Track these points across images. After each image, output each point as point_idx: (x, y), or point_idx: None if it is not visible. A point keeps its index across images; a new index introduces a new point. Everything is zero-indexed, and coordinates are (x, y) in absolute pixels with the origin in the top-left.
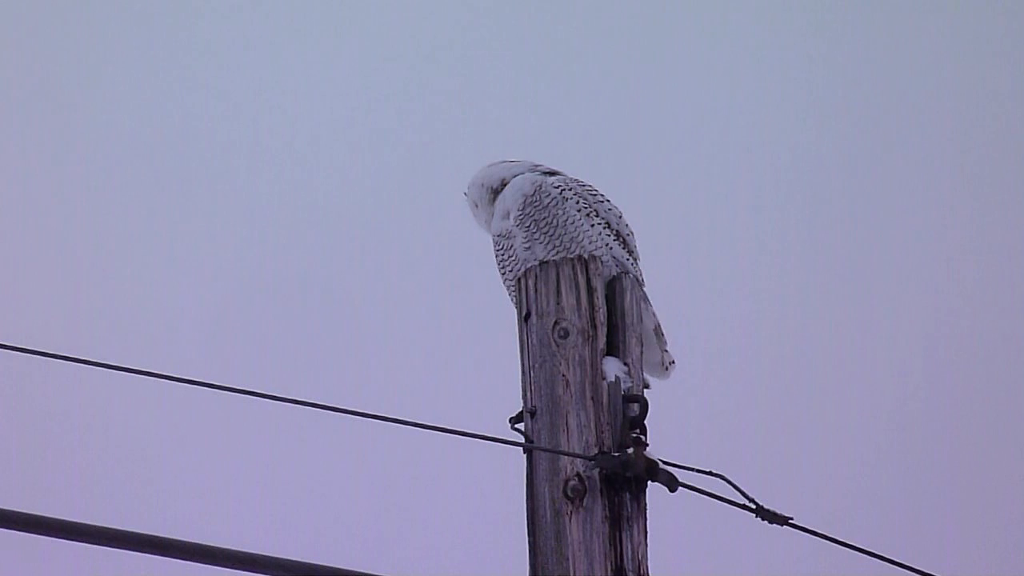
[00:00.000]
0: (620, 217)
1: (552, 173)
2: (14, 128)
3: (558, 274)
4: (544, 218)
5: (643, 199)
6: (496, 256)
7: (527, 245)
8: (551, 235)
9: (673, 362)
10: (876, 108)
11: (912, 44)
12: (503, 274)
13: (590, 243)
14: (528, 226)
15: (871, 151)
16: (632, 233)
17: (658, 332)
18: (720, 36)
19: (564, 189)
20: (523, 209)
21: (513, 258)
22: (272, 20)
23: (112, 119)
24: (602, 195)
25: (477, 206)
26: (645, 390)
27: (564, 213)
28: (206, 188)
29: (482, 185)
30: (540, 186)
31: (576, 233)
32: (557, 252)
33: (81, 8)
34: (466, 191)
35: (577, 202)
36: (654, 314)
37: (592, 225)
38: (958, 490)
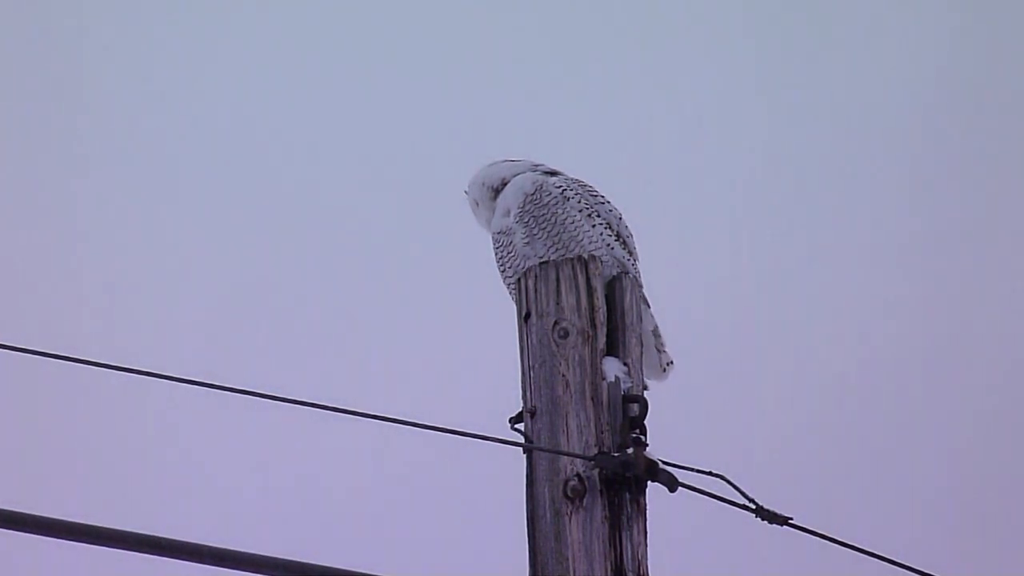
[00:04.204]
0: (620, 219)
1: (553, 173)
2: (14, 127)
3: (558, 274)
4: (544, 215)
5: (643, 198)
6: (496, 254)
7: (527, 241)
8: (551, 233)
9: (671, 363)
10: (873, 107)
11: (900, 45)
12: (503, 271)
13: (590, 243)
14: (528, 222)
15: (871, 151)
16: (632, 235)
17: (656, 333)
18: (719, 35)
19: (565, 189)
20: (523, 206)
21: (513, 254)
22: (272, 20)
23: (112, 118)
24: (603, 196)
25: (478, 204)
26: (644, 391)
27: (564, 212)
28: (206, 188)
29: (483, 184)
30: (541, 185)
31: (576, 232)
32: (557, 251)
33: (81, 7)
34: (467, 189)
35: (579, 202)
36: (652, 316)
37: (593, 225)
38: (958, 490)
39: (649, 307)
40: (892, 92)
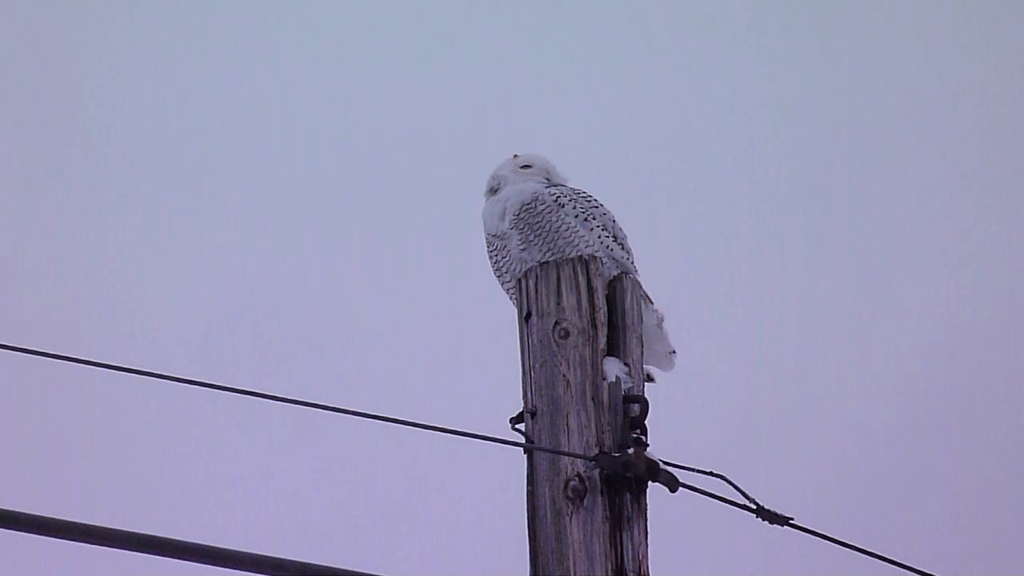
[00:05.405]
0: (614, 221)
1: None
2: (15, 128)
3: (558, 274)
4: (538, 223)
5: (645, 199)
6: (489, 256)
7: (523, 247)
8: (546, 240)
9: (674, 351)
10: (872, 106)
11: (906, 42)
12: (499, 275)
13: (587, 247)
14: (523, 228)
15: (870, 149)
16: (626, 236)
17: (660, 326)
18: (719, 35)
19: (559, 196)
20: (519, 214)
21: (508, 259)
22: (272, 20)
23: (112, 119)
24: (596, 200)
25: (513, 173)
26: (651, 383)
27: (559, 220)
28: (206, 188)
29: (537, 165)
30: (537, 195)
31: (572, 238)
32: (553, 255)
33: (81, 9)
34: (518, 154)
35: (573, 207)
36: (655, 310)
37: (591, 229)
38: (958, 490)
39: (652, 303)
40: (895, 92)
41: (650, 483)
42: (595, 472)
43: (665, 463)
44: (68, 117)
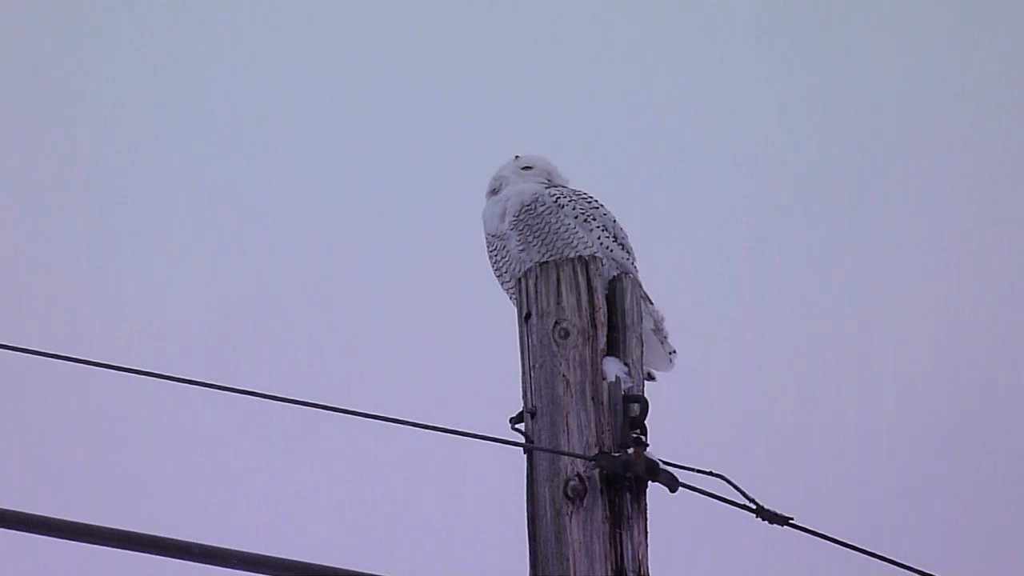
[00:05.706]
0: (615, 222)
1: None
2: (15, 128)
3: (558, 274)
4: (538, 224)
5: (645, 200)
6: (489, 256)
7: (522, 248)
8: (545, 241)
9: (674, 351)
10: (873, 106)
11: (907, 42)
12: (499, 275)
13: (586, 248)
14: (522, 230)
15: (870, 148)
16: (627, 236)
17: (658, 328)
18: (719, 35)
19: (559, 197)
20: (518, 215)
21: (508, 259)
22: (273, 19)
23: (111, 119)
24: (597, 201)
25: (512, 174)
26: (651, 382)
27: (558, 221)
28: (206, 187)
29: (535, 167)
30: (537, 196)
31: (570, 239)
32: (552, 256)
33: (81, 9)
34: (519, 155)
35: (573, 208)
36: (655, 311)
37: (591, 230)
38: (958, 490)
39: (652, 303)
40: (895, 93)
41: (650, 483)
42: (595, 472)
43: (665, 463)
44: (68, 117)
